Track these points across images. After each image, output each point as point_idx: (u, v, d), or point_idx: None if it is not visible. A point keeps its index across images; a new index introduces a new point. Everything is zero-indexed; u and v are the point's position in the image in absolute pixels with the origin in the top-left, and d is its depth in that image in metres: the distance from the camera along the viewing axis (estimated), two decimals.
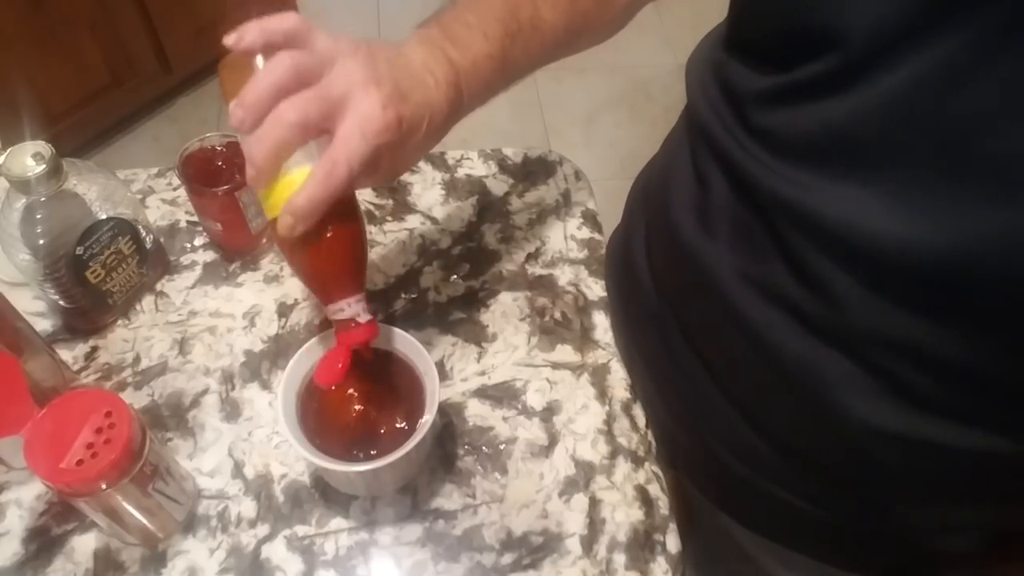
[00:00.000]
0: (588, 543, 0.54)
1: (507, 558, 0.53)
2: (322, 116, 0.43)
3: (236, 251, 0.69)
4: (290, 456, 0.57)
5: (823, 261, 0.42)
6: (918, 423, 0.43)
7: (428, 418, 0.50)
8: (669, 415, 0.62)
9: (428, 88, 0.46)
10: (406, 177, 0.76)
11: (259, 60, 0.45)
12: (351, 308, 0.47)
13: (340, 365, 0.49)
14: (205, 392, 0.61)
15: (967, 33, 0.34)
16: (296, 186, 0.42)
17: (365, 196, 0.74)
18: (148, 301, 0.66)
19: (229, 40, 0.44)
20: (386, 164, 0.46)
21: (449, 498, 0.56)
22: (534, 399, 0.61)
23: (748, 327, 0.48)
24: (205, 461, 0.57)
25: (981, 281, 0.36)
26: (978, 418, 0.42)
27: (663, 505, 0.57)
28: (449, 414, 0.60)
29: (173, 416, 0.59)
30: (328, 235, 0.44)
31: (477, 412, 0.60)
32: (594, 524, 0.55)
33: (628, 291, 0.67)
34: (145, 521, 0.50)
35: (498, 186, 0.76)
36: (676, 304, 0.58)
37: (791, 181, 0.43)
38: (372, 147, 0.43)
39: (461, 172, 0.77)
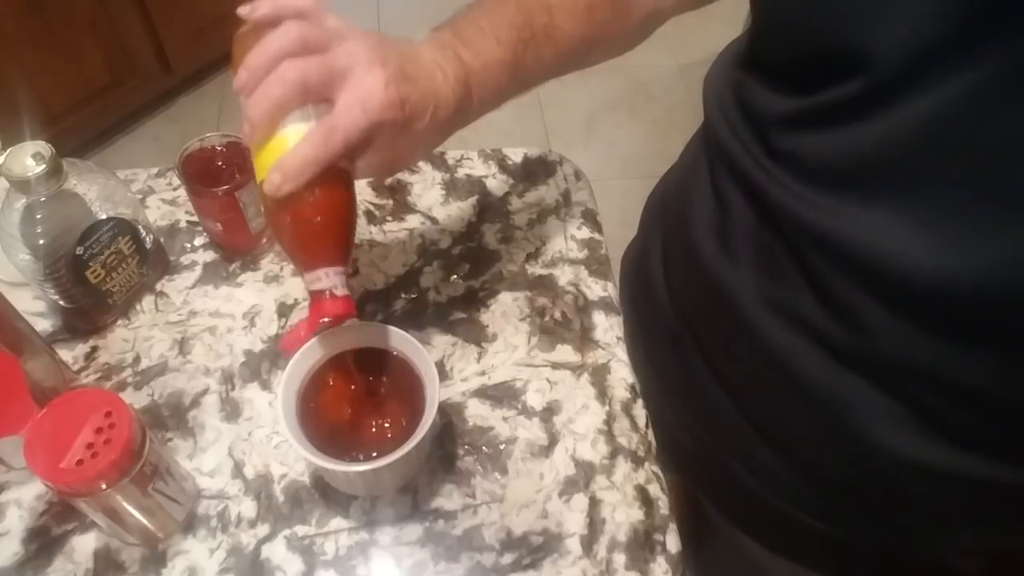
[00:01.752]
0: (588, 543, 0.54)
1: (507, 558, 0.53)
2: (322, 82, 0.42)
3: (236, 251, 0.69)
4: (290, 456, 0.57)
5: (849, 287, 0.41)
6: (944, 453, 0.42)
7: (428, 418, 0.50)
8: (683, 431, 0.61)
9: (436, 79, 0.46)
10: (406, 177, 0.76)
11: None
12: (329, 279, 0.45)
13: (303, 335, 0.47)
14: (205, 392, 0.60)
15: (1000, 57, 0.33)
16: (289, 147, 0.42)
17: (365, 196, 0.74)
18: (148, 301, 0.66)
19: (243, 10, 0.43)
20: (386, 150, 0.45)
21: (449, 498, 0.56)
22: (534, 399, 0.61)
23: (771, 352, 0.47)
24: (205, 461, 0.57)
25: (1010, 308, 0.36)
26: (1005, 449, 0.41)
27: (663, 505, 0.56)
28: (449, 414, 0.60)
29: (173, 416, 0.59)
30: (314, 198, 0.43)
31: (477, 412, 0.60)
32: (594, 524, 0.55)
33: (644, 307, 0.66)
34: (145, 521, 0.50)
35: (498, 186, 0.76)
36: (695, 324, 0.57)
37: (816, 206, 0.42)
38: (371, 122, 0.42)
39: (461, 172, 0.77)
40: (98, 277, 0.59)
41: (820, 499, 0.52)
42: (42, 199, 0.53)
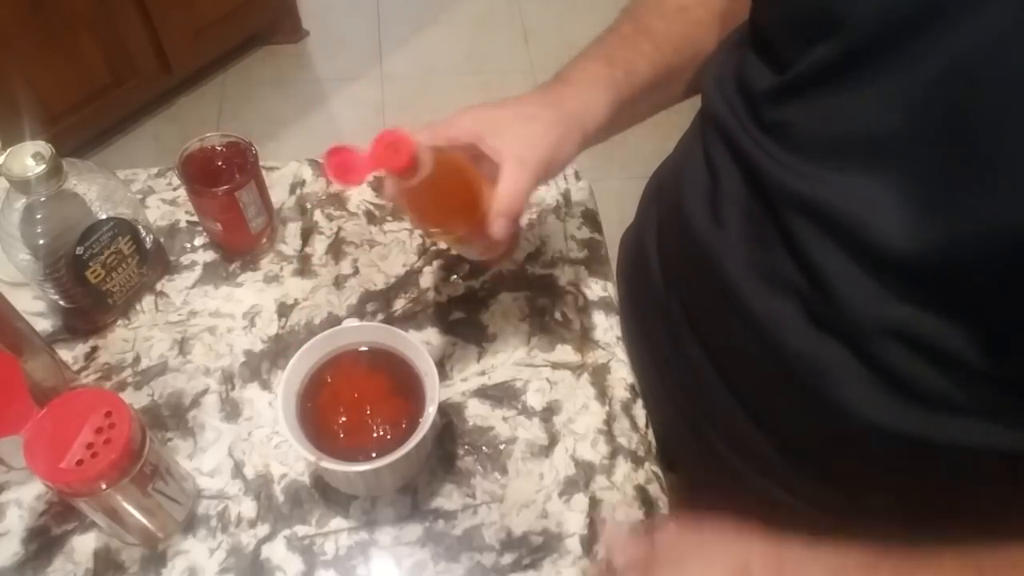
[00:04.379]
0: (588, 543, 0.54)
1: (507, 558, 0.53)
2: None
3: (236, 251, 0.69)
4: (290, 456, 0.57)
5: (828, 251, 0.42)
6: (916, 418, 0.43)
7: (428, 418, 0.50)
8: (673, 409, 0.62)
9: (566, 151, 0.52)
10: None
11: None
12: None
13: (358, 177, 0.43)
14: (205, 392, 0.60)
15: (977, 25, 0.34)
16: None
17: (365, 196, 0.74)
18: (148, 301, 0.66)
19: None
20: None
21: (449, 498, 0.56)
22: (534, 399, 0.61)
23: (752, 317, 0.49)
24: (205, 461, 0.57)
25: (985, 275, 0.37)
26: (976, 412, 0.42)
27: (663, 505, 0.56)
28: (449, 414, 0.60)
29: (173, 416, 0.59)
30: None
31: (477, 412, 0.60)
32: (594, 524, 0.55)
33: (637, 284, 0.67)
34: (145, 521, 0.50)
35: None
36: (683, 293, 0.58)
37: (800, 174, 0.44)
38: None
39: None
40: (98, 277, 0.59)
41: (798, 474, 0.52)
42: (42, 199, 0.53)
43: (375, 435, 0.52)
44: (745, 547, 0.42)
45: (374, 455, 0.49)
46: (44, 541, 0.53)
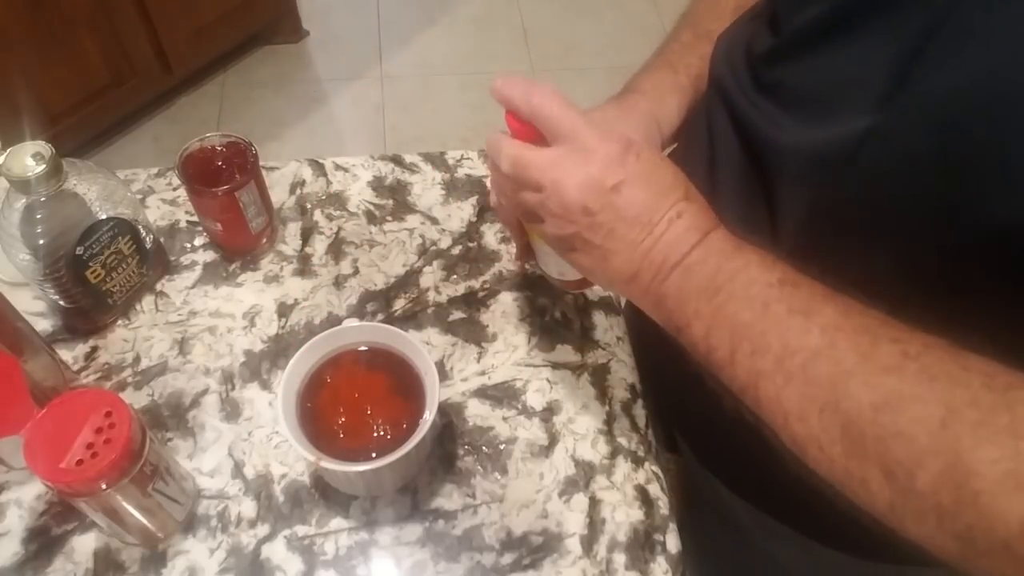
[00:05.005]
0: (588, 543, 0.54)
1: (507, 558, 0.53)
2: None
3: (236, 251, 0.69)
4: (290, 456, 0.57)
5: (784, 189, 0.45)
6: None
7: (428, 418, 0.50)
8: (679, 380, 0.62)
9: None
10: (406, 177, 0.76)
11: None
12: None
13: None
14: (205, 392, 0.61)
15: None
16: None
17: (365, 196, 0.74)
18: (148, 301, 0.66)
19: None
20: None
21: (449, 498, 0.56)
22: (534, 399, 0.61)
23: None
24: (205, 461, 0.57)
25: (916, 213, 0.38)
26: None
27: (663, 505, 0.57)
28: (449, 414, 0.60)
29: (173, 416, 0.59)
30: None
31: (477, 412, 0.60)
32: (594, 524, 0.55)
33: None
34: (145, 521, 0.50)
35: None
36: None
37: (787, 130, 0.45)
38: None
39: (461, 172, 0.76)
40: (98, 277, 0.59)
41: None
42: (42, 199, 0.53)
43: (375, 435, 0.52)
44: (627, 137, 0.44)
45: (374, 455, 0.49)
46: (44, 541, 0.53)
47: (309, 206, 0.73)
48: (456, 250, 0.70)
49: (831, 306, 0.38)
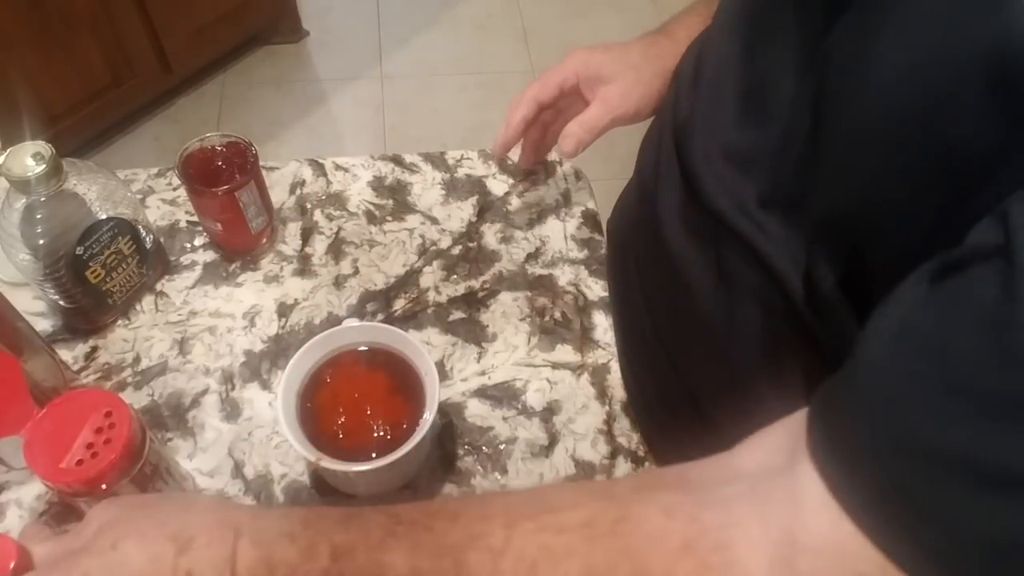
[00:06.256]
0: None
1: None
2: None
3: (236, 251, 0.69)
4: (290, 456, 0.57)
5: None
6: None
7: (428, 418, 0.50)
8: (643, 369, 0.63)
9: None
10: (406, 177, 0.76)
11: None
12: None
13: None
14: (205, 392, 0.60)
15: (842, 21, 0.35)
16: None
17: (365, 196, 0.74)
18: (148, 301, 0.66)
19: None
20: None
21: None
22: (534, 399, 0.61)
23: (673, 261, 0.51)
24: (205, 461, 0.57)
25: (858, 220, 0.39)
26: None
27: None
28: (449, 414, 0.60)
29: (173, 416, 0.59)
30: None
31: (477, 412, 0.60)
32: None
33: (614, 245, 0.70)
34: None
35: (498, 186, 0.76)
36: (632, 245, 0.62)
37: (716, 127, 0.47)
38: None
39: (461, 172, 0.76)
40: (98, 277, 0.59)
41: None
42: (42, 199, 0.53)
43: (375, 435, 0.52)
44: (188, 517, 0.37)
45: (374, 455, 0.49)
46: None
47: (309, 206, 0.73)
48: (456, 250, 0.70)
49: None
